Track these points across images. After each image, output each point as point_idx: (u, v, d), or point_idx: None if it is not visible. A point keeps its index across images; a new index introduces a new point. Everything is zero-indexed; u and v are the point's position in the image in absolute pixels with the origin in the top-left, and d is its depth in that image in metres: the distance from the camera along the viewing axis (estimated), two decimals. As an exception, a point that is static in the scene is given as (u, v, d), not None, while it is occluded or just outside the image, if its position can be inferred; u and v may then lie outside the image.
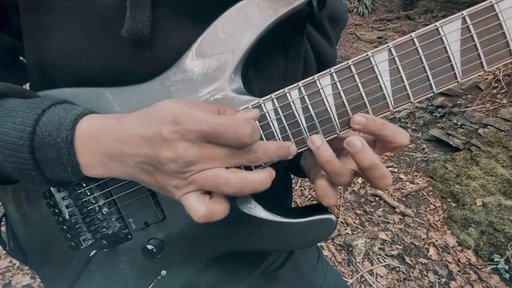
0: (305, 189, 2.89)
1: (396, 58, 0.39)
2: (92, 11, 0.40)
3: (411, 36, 0.38)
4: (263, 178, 0.36)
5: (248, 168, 0.38)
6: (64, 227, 0.49)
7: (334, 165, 0.40)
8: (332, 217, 0.47)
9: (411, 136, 3.65)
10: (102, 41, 0.41)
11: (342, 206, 2.75)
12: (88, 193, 0.48)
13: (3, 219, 0.57)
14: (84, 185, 0.48)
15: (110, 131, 0.35)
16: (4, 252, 1.95)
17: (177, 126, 0.31)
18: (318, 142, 0.40)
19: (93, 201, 0.49)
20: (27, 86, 0.54)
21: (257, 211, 0.47)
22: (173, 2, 0.43)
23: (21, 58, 0.53)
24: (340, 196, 2.85)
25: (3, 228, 0.57)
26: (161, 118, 0.32)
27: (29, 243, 0.54)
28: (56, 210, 0.48)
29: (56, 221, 0.49)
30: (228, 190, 0.34)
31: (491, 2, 0.36)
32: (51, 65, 0.44)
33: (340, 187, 0.45)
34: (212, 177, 0.34)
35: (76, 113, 0.37)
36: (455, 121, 3.29)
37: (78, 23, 0.41)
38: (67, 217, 0.49)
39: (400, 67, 0.39)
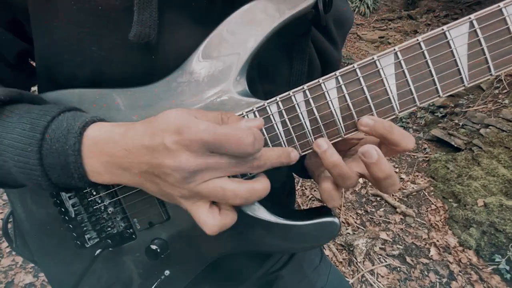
0: (306, 189, 2.89)
1: (402, 62, 0.39)
2: (100, 14, 0.40)
3: (417, 39, 0.38)
4: (266, 186, 0.37)
5: (243, 174, 0.39)
6: (70, 225, 0.49)
7: (341, 168, 0.40)
8: (336, 220, 0.47)
9: (412, 136, 3.65)
10: (109, 43, 0.42)
11: (343, 206, 2.75)
12: (94, 193, 0.49)
13: (10, 217, 0.58)
14: None
15: (118, 140, 0.35)
16: (7, 250, 1.97)
17: (179, 136, 0.32)
18: (324, 146, 0.40)
19: (99, 201, 0.49)
20: (35, 88, 0.54)
21: (261, 213, 0.48)
22: (180, 5, 0.43)
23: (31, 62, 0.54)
24: (341, 196, 2.85)
25: (10, 226, 0.58)
26: (165, 128, 0.33)
27: (35, 241, 0.54)
28: (63, 209, 0.49)
29: (62, 219, 0.49)
30: (236, 202, 0.35)
31: (499, 6, 0.36)
32: (59, 67, 0.44)
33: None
34: (217, 188, 0.34)
35: (84, 121, 0.37)
36: (456, 121, 3.28)
37: (86, 25, 0.41)
38: (73, 216, 0.49)
39: (406, 71, 0.39)
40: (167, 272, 0.51)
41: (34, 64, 0.53)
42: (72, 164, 0.36)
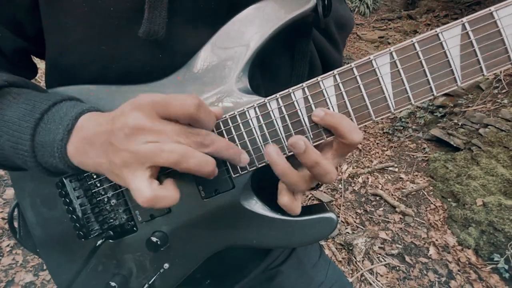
0: (306, 188, 2.89)
1: (397, 62, 0.40)
2: (110, 14, 0.42)
3: (412, 41, 0.39)
4: (205, 158, 0.36)
5: None
6: (74, 216, 0.50)
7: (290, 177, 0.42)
8: (333, 216, 0.49)
9: (411, 136, 3.66)
10: (119, 42, 0.44)
11: (343, 206, 2.76)
12: (98, 185, 0.50)
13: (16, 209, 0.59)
14: (94, 176, 0.50)
15: (97, 118, 0.38)
16: (7, 249, 1.98)
17: (135, 102, 0.34)
18: (272, 153, 0.41)
19: (102, 193, 0.50)
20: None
21: (260, 208, 0.49)
22: (188, 6, 0.45)
23: (34, 60, 0.55)
24: (341, 196, 2.86)
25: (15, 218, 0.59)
26: (129, 102, 0.35)
27: (39, 232, 0.56)
28: (67, 200, 0.50)
29: (67, 210, 0.51)
30: (170, 157, 0.34)
31: (490, 9, 0.37)
32: (68, 63, 0.46)
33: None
34: (156, 147, 0.34)
35: (82, 108, 0.40)
36: (456, 121, 3.30)
37: (96, 25, 0.43)
38: (77, 207, 0.50)
39: (401, 70, 0.40)
40: (166, 265, 0.53)
41: (34, 60, 0.55)
42: (57, 142, 0.38)
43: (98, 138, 0.36)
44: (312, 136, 0.43)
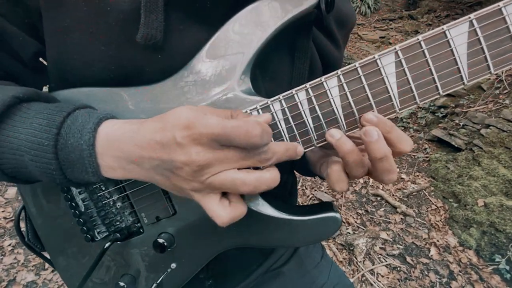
0: (306, 188, 2.90)
1: (403, 61, 0.39)
2: (108, 15, 0.41)
3: (418, 39, 0.39)
4: (274, 176, 0.37)
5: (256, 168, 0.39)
6: (80, 220, 0.50)
7: (356, 154, 0.40)
8: (337, 215, 0.48)
9: (412, 136, 3.65)
10: (117, 44, 0.43)
11: (344, 206, 2.75)
12: (103, 188, 0.50)
13: (23, 212, 0.59)
14: None
15: (130, 136, 0.36)
16: (9, 249, 1.98)
17: (190, 131, 0.32)
18: (337, 135, 0.41)
19: (108, 196, 0.50)
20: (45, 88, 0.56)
21: (265, 208, 0.49)
22: (185, 6, 0.44)
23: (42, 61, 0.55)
24: (342, 196, 2.86)
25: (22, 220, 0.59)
26: (176, 123, 0.33)
27: (47, 235, 0.56)
28: (73, 204, 0.50)
29: (73, 214, 0.51)
30: (245, 189, 0.35)
31: (498, 5, 0.36)
32: (69, 66, 0.45)
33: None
34: (227, 178, 0.35)
35: (98, 117, 0.39)
36: (457, 121, 3.29)
37: (95, 26, 0.42)
38: (83, 210, 0.50)
39: (406, 69, 0.39)
40: (173, 265, 0.53)
41: (45, 63, 0.55)
42: (86, 159, 0.37)
43: (147, 162, 0.35)
44: (316, 137, 0.43)
